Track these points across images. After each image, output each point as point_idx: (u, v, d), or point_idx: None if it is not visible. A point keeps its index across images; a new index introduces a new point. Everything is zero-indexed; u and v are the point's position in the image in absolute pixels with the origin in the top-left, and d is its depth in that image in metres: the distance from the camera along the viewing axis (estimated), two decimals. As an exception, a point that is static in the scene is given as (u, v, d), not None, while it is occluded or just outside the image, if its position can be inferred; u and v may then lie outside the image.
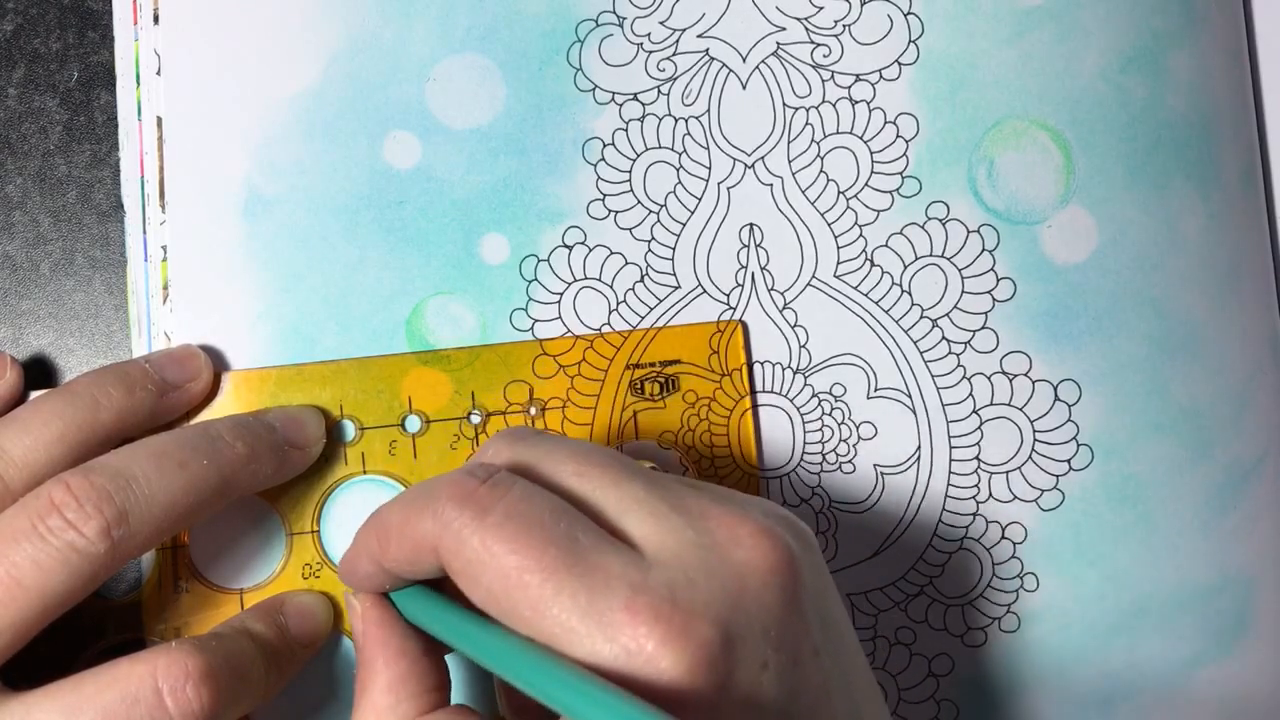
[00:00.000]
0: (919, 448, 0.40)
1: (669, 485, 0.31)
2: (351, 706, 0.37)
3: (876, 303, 0.40)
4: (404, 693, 0.31)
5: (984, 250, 0.40)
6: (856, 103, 0.40)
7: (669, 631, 0.28)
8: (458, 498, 0.29)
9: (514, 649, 0.28)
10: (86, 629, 0.37)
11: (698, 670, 0.27)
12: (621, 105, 0.39)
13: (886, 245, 0.40)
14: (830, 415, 0.39)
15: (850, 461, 0.39)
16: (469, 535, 0.29)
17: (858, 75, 0.40)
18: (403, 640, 0.32)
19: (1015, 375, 0.40)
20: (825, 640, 0.30)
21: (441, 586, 0.33)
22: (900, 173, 0.40)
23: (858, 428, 0.40)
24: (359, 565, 0.32)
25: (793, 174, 0.40)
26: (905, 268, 0.40)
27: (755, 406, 0.39)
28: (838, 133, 0.40)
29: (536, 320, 0.39)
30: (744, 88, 0.40)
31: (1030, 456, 0.40)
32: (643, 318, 0.39)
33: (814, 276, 0.40)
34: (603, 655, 0.28)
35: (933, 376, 0.40)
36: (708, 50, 0.40)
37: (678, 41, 0.39)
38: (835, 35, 0.40)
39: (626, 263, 0.39)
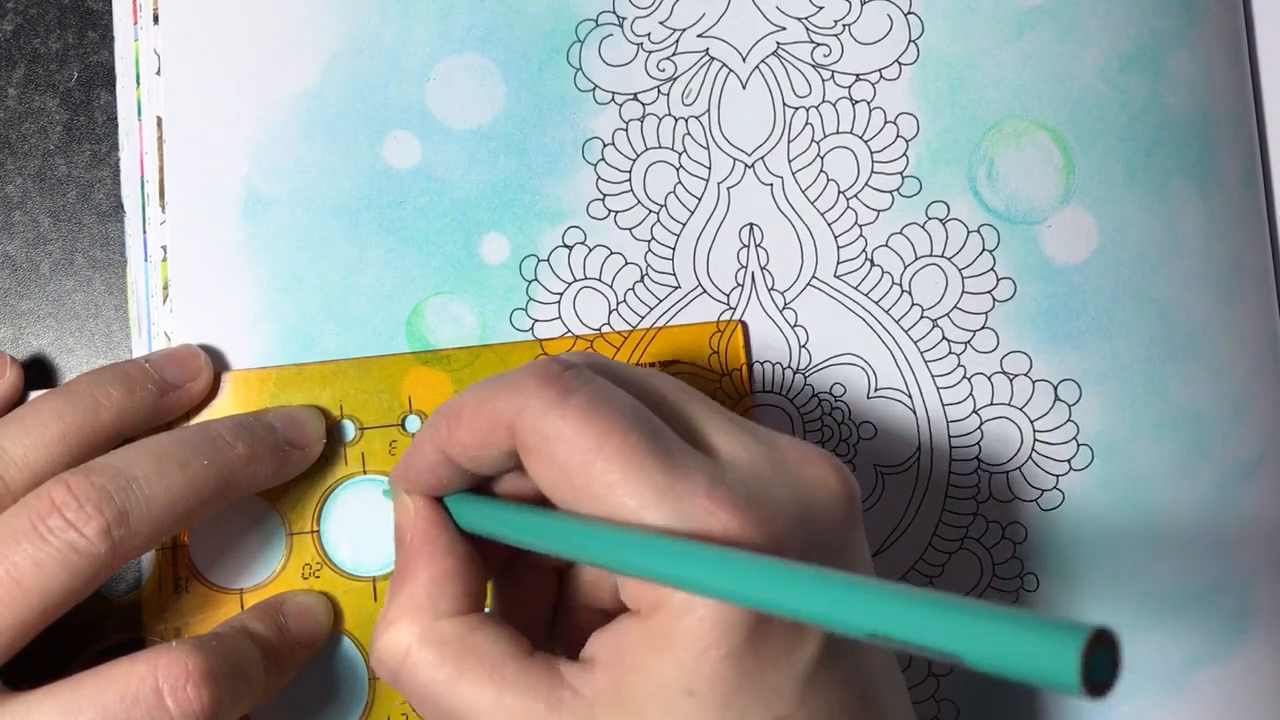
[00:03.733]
0: (919, 448, 0.40)
1: (733, 413, 0.32)
2: (351, 706, 0.38)
3: (876, 303, 0.40)
4: (446, 590, 0.31)
5: (984, 250, 0.40)
6: (856, 102, 0.40)
7: (746, 522, 0.28)
8: (541, 378, 0.30)
9: (584, 524, 0.29)
10: (86, 629, 0.37)
11: None
12: (621, 105, 0.39)
13: (886, 245, 0.40)
14: (830, 415, 0.39)
15: (850, 461, 0.39)
16: (551, 412, 0.29)
17: (858, 75, 0.40)
18: (451, 541, 0.32)
19: (1015, 375, 0.40)
20: (870, 575, 0.31)
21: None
22: (900, 172, 0.40)
23: (858, 428, 0.40)
24: (420, 455, 0.32)
25: (793, 174, 0.40)
26: (905, 268, 0.40)
27: (755, 406, 0.39)
28: (838, 132, 0.40)
29: (536, 320, 0.39)
30: (744, 87, 0.40)
31: (1030, 456, 0.40)
32: (643, 318, 0.39)
33: (814, 276, 0.40)
34: (677, 531, 0.28)
35: (933, 376, 0.40)
36: (708, 50, 0.40)
37: (678, 41, 0.39)
38: (835, 35, 0.40)
39: (626, 263, 0.39)
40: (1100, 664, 0.20)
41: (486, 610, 0.33)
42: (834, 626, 0.23)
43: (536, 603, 0.34)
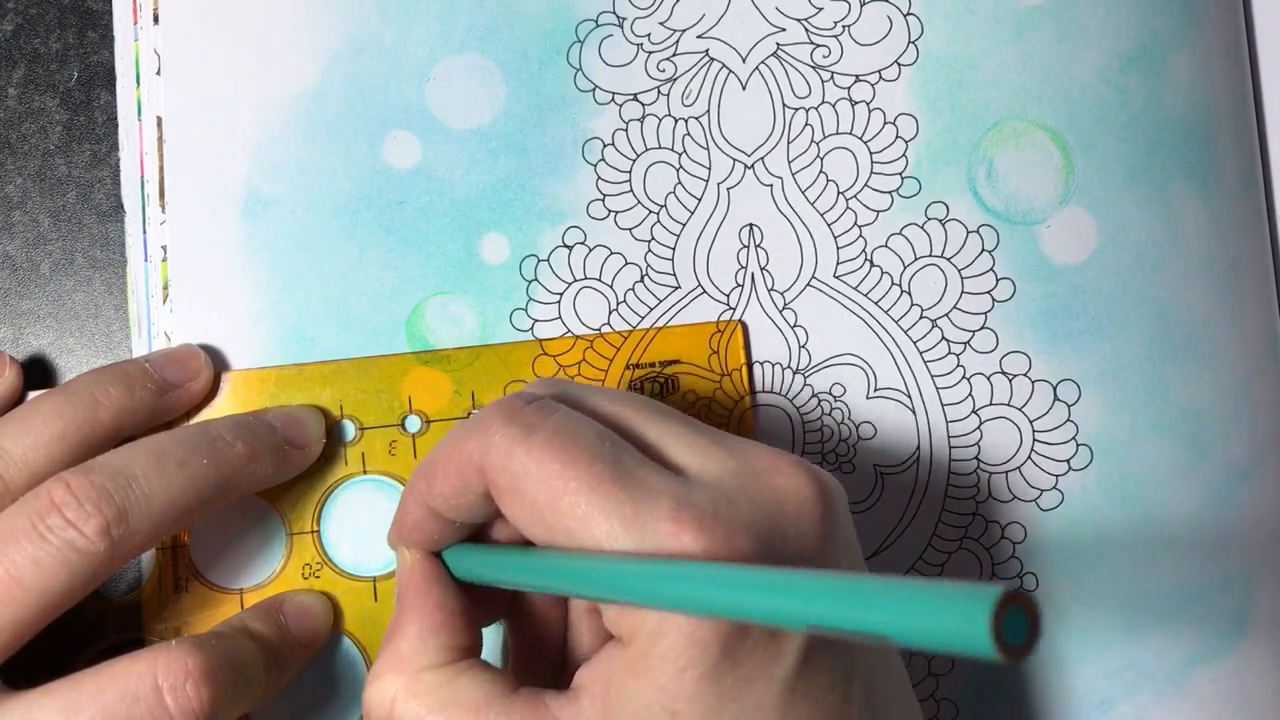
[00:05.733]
0: (918, 448, 0.40)
1: (705, 425, 0.32)
2: (352, 706, 0.38)
3: (876, 303, 0.40)
4: (433, 643, 0.32)
5: (983, 250, 0.40)
6: (856, 103, 0.40)
7: (712, 541, 0.28)
8: (505, 416, 0.30)
9: (573, 560, 0.29)
10: (86, 629, 0.37)
11: None
12: (621, 105, 0.39)
13: (886, 245, 0.40)
14: (830, 415, 0.39)
15: (850, 461, 0.39)
16: (516, 449, 0.29)
17: (857, 76, 0.40)
18: (443, 594, 0.33)
19: (1015, 375, 0.40)
20: None
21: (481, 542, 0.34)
22: (900, 173, 0.40)
23: (857, 428, 0.40)
24: (407, 512, 0.33)
25: (792, 174, 0.40)
26: (905, 268, 0.40)
27: (755, 406, 0.39)
28: (837, 133, 0.40)
29: (536, 320, 0.39)
30: (744, 88, 0.40)
31: (1030, 456, 0.40)
32: (643, 318, 0.39)
33: (814, 277, 0.40)
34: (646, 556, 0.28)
35: (932, 376, 0.40)
36: (707, 51, 0.40)
37: (678, 42, 0.40)
38: (835, 36, 0.40)
39: (626, 263, 0.39)
40: (1015, 626, 0.20)
41: (504, 651, 0.33)
42: (768, 622, 0.24)
43: (548, 639, 0.34)
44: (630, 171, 0.39)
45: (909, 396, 0.40)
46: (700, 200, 0.39)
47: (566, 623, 0.35)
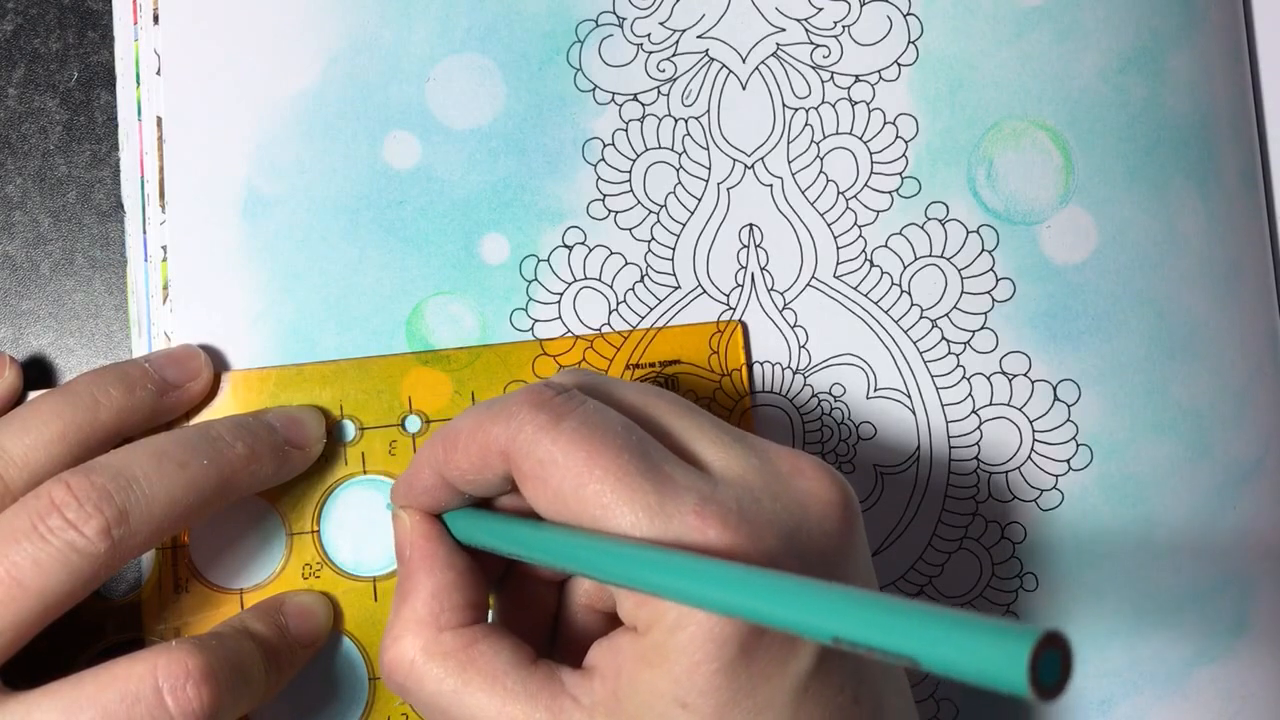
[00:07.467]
0: (918, 448, 0.40)
1: (728, 424, 0.32)
2: (351, 706, 0.38)
3: (876, 303, 0.40)
4: (447, 603, 0.32)
5: (983, 250, 0.40)
6: (856, 103, 0.40)
7: (737, 537, 0.28)
8: (533, 404, 0.30)
9: (583, 539, 0.29)
10: (86, 629, 0.37)
11: None
12: (621, 105, 0.39)
13: (886, 246, 0.40)
14: (830, 415, 0.39)
15: (850, 461, 0.39)
16: (543, 437, 0.30)
17: (857, 76, 0.40)
18: (450, 554, 0.33)
19: (1015, 375, 0.40)
20: (871, 584, 0.32)
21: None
22: (900, 173, 0.40)
23: (857, 428, 0.40)
24: (419, 477, 0.33)
25: (792, 174, 0.40)
26: (905, 268, 0.40)
27: (755, 406, 0.39)
28: (837, 133, 0.40)
29: (536, 320, 0.39)
30: (744, 88, 0.40)
31: (1030, 456, 0.40)
32: (643, 318, 0.39)
33: (814, 277, 0.40)
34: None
35: (932, 377, 0.40)
36: (707, 51, 0.40)
37: (678, 42, 0.40)
38: (835, 36, 0.40)
39: (626, 263, 0.39)
40: (1050, 666, 0.20)
41: (490, 619, 0.33)
42: (798, 631, 0.24)
43: (538, 611, 0.35)
44: (630, 171, 0.39)
45: (909, 396, 0.40)
46: (700, 200, 0.39)
47: (560, 593, 0.35)
